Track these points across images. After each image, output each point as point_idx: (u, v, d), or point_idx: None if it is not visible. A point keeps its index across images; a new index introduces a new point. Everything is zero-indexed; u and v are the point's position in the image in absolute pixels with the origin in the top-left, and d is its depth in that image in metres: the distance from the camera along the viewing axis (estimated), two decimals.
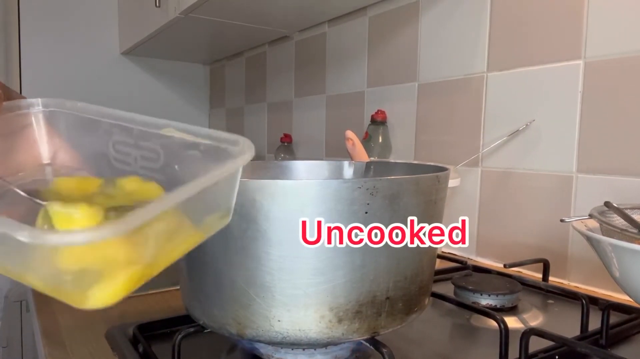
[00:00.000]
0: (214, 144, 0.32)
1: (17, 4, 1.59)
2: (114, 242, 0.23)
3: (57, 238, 0.21)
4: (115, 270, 0.24)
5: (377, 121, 1.05)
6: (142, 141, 0.34)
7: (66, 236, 0.21)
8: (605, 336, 0.50)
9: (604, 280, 0.69)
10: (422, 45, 0.99)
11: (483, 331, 0.55)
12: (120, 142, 0.35)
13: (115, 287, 0.24)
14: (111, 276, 0.24)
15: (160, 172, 0.34)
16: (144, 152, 0.34)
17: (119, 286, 0.25)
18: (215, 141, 0.32)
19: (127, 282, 0.25)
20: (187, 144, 0.33)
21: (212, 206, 0.31)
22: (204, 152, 0.32)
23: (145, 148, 0.34)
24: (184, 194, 0.25)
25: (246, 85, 1.72)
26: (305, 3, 1.12)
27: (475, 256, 0.89)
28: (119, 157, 0.35)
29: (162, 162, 0.34)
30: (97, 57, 1.75)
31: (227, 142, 0.31)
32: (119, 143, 0.35)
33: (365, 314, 0.38)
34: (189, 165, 0.33)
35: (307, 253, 0.36)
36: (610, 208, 0.49)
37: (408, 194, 0.38)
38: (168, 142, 0.33)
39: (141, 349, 0.47)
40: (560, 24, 0.75)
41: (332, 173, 0.59)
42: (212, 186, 0.27)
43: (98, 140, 0.36)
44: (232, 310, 0.38)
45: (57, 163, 0.37)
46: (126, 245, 0.24)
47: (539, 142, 0.78)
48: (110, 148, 0.35)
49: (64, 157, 0.37)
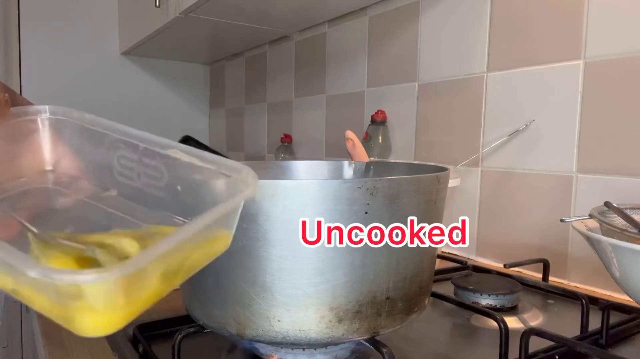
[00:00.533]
0: (217, 170, 0.32)
1: (17, 4, 1.59)
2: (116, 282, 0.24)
3: (68, 278, 0.22)
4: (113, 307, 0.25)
5: (377, 121, 1.05)
6: (146, 158, 0.34)
7: (76, 276, 0.22)
8: (605, 336, 0.50)
9: (604, 280, 0.69)
10: (422, 45, 0.99)
11: (483, 331, 0.55)
12: (124, 156, 0.35)
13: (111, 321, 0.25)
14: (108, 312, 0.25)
15: (163, 190, 0.34)
16: (148, 169, 0.35)
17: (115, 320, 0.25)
18: (219, 167, 0.32)
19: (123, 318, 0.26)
20: (191, 167, 0.33)
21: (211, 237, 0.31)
22: (207, 176, 0.33)
23: (150, 166, 0.34)
24: (194, 227, 0.26)
25: (246, 85, 1.72)
26: (305, 3, 1.12)
27: (475, 256, 0.89)
28: (123, 171, 0.35)
29: (165, 181, 0.34)
30: (97, 57, 1.75)
31: (231, 170, 0.32)
32: (124, 158, 0.35)
33: (365, 314, 0.38)
34: (192, 188, 0.33)
35: (307, 253, 0.36)
36: (610, 208, 0.49)
37: (408, 194, 0.38)
38: (172, 163, 0.34)
39: (141, 349, 0.47)
40: (560, 24, 0.75)
41: (332, 173, 0.59)
42: (215, 220, 0.28)
43: (103, 152, 0.36)
44: (232, 310, 0.38)
45: (59, 170, 0.37)
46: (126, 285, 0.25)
47: (539, 142, 0.78)
48: (114, 161, 0.35)
49: (66, 164, 0.37)
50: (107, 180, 0.36)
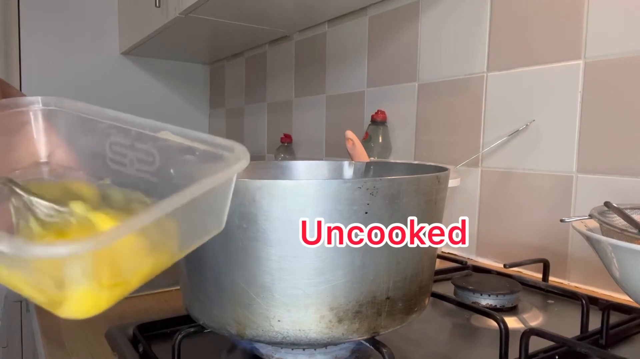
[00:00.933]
0: (209, 149, 0.32)
1: (17, 4, 1.59)
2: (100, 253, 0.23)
3: (39, 251, 0.21)
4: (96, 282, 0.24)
5: (377, 121, 1.05)
6: (138, 143, 0.34)
7: (48, 249, 0.21)
8: (605, 336, 0.50)
9: (604, 280, 0.69)
10: (422, 45, 0.99)
11: (483, 331, 0.55)
12: (117, 143, 0.35)
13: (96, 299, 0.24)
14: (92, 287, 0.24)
15: (155, 174, 0.34)
16: (140, 154, 0.34)
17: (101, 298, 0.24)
18: (211, 146, 0.32)
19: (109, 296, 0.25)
20: (183, 148, 0.32)
21: (205, 214, 0.31)
22: (199, 156, 0.32)
23: (142, 151, 0.34)
24: (177, 201, 0.25)
25: (246, 85, 1.72)
26: (305, 3, 1.12)
27: (475, 256, 0.89)
28: (115, 157, 0.35)
29: (157, 165, 0.34)
30: (97, 57, 1.75)
31: (223, 148, 0.31)
32: (116, 144, 0.35)
33: (365, 314, 0.38)
34: (184, 170, 0.33)
35: (307, 253, 0.36)
36: (610, 208, 0.49)
37: (408, 194, 0.38)
38: (164, 146, 0.33)
39: (141, 349, 0.47)
40: (560, 24, 0.75)
41: (332, 173, 0.59)
42: (206, 194, 0.27)
43: (95, 140, 0.35)
44: (232, 310, 0.38)
45: (53, 162, 0.37)
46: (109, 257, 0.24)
47: (539, 142, 0.78)
48: (107, 149, 0.35)
49: (60, 155, 0.37)
50: (100, 169, 0.35)
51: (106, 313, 0.57)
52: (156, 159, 0.33)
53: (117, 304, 0.25)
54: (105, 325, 0.53)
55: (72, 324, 0.55)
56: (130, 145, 0.34)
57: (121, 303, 0.25)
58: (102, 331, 0.52)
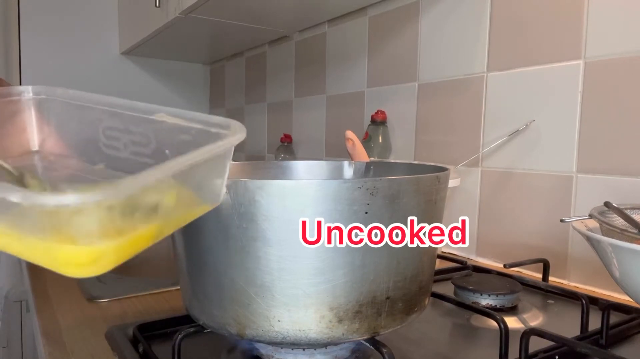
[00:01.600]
0: (205, 128, 0.31)
1: (17, 4, 1.59)
2: (101, 209, 0.23)
3: (50, 200, 0.21)
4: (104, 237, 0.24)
5: (377, 121, 1.05)
6: (133, 126, 0.34)
7: (59, 199, 0.21)
8: (605, 336, 0.50)
9: (604, 280, 0.69)
10: (422, 45, 0.99)
11: (483, 331, 0.55)
12: (110, 127, 0.35)
13: (99, 255, 0.24)
14: (100, 242, 0.23)
15: (151, 156, 0.33)
16: (135, 137, 0.34)
17: (105, 256, 0.24)
18: (207, 125, 0.32)
19: (113, 255, 0.25)
20: (179, 129, 0.32)
21: (203, 183, 0.31)
22: (195, 136, 0.32)
23: (137, 133, 0.34)
24: (176, 165, 0.25)
25: (246, 85, 1.72)
26: (305, 3, 1.12)
27: (475, 256, 0.89)
28: (109, 142, 0.35)
29: (153, 146, 0.33)
30: (97, 57, 1.75)
31: (218, 126, 0.31)
32: (110, 129, 0.35)
33: (365, 314, 0.38)
34: (180, 149, 0.33)
35: (307, 253, 0.36)
36: (610, 208, 0.49)
37: (408, 194, 0.38)
38: (159, 127, 0.33)
39: (141, 349, 0.47)
40: (560, 24, 0.75)
41: (332, 173, 0.59)
42: (204, 163, 0.27)
43: (88, 126, 0.35)
44: (232, 310, 0.38)
45: (45, 151, 0.36)
46: (115, 213, 0.24)
47: (539, 142, 0.78)
48: (100, 135, 0.35)
49: (52, 144, 0.37)
50: (94, 155, 0.35)
51: (106, 313, 0.57)
52: (152, 141, 0.33)
53: (117, 304, 0.25)
54: (105, 325, 0.53)
55: (72, 324, 0.55)
56: (124, 128, 0.34)
57: (121, 303, 0.25)
58: (102, 331, 0.52)
